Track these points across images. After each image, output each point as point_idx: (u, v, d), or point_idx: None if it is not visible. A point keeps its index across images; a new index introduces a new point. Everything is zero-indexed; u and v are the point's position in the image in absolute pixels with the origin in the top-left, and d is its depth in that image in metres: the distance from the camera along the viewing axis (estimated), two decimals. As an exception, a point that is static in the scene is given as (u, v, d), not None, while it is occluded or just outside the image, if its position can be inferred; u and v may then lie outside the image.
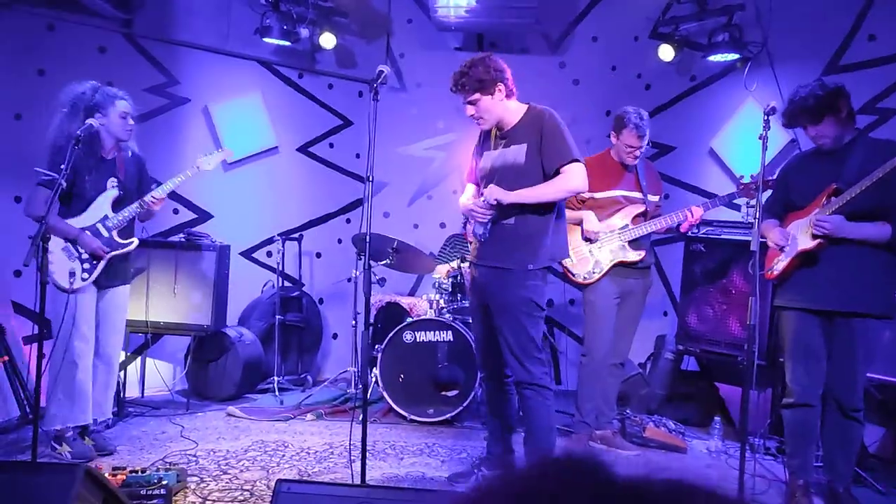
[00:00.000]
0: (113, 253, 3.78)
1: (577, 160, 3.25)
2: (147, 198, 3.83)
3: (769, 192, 3.56)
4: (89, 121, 3.52)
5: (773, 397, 4.47)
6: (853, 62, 4.65)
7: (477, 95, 3.30)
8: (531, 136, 3.30)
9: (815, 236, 3.25)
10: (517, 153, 3.32)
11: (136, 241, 3.91)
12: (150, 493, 3.01)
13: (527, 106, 3.42)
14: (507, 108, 3.37)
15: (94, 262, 3.73)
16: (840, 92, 3.21)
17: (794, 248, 3.34)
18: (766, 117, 3.10)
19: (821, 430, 3.42)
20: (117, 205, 3.81)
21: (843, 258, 3.23)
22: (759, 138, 3.08)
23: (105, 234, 3.76)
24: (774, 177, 3.65)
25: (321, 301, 6.07)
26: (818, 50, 4.85)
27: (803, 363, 3.33)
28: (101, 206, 3.78)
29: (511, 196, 3.23)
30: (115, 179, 3.82)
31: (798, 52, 4.98)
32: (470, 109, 3.36)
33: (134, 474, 3.10)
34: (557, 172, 3.25)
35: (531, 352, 3.29)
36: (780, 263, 3.40)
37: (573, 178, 3.24)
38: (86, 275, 3.72)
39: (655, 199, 4.34)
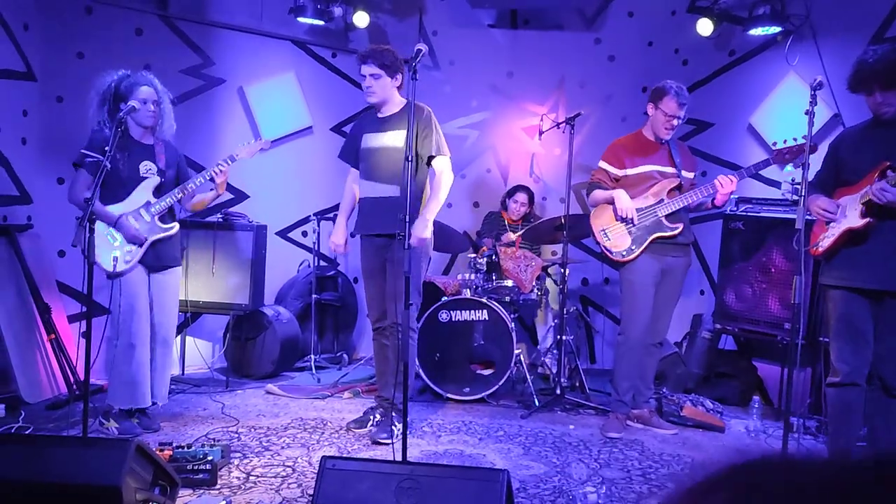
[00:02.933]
0: (155, 236, 3.85)
1: (446, 154, 3.96)
2: (189, 185, 3.90)
3: (812, 166, 3.47)
4: (131, 102, 3.60)
5: (813, 376, 4.43)
6: (900, 34, 4.52)
7: (382, 72, 3.83)
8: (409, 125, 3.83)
9: (864, 215, 3.18)
10: (395, 138, 3.87)
11: (177, 225, 3.98)
12: (196, 468, 3.08)
13: (405, 100, 3.92)
14: (394, 95, 3.96)
15: (137, 245, 3.81)
16: None
17: (840, 224, 3.27)
18: (813, 92, 3.03)
19: (864, 410, 3.38)
20: (157, 192, 3.89)
21: (891, 236, 3.17)
22: (806, 113, 3.01)
23: (147, 218, 3.84)
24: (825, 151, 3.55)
25: (356, 280, 6.12)
26: (863, 22, 4.71)
27: (850, 343, 3.28)
28: (144, 192, 3.85)
29: (426, 228, 3.80)
30: (153, 165, 3.88)
31: (842, 25, 4.85)
32: (369, 81, 3.85)
33: (180, 450, 3.16)
34: (431, 160, 3.91)
35: None
36: (825, 240, 3.33)
37: (446, 172, 3.92)
38: (128, 257, 3.79)
39: (690, 175, 4.27)
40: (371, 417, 4.10)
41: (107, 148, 3.32)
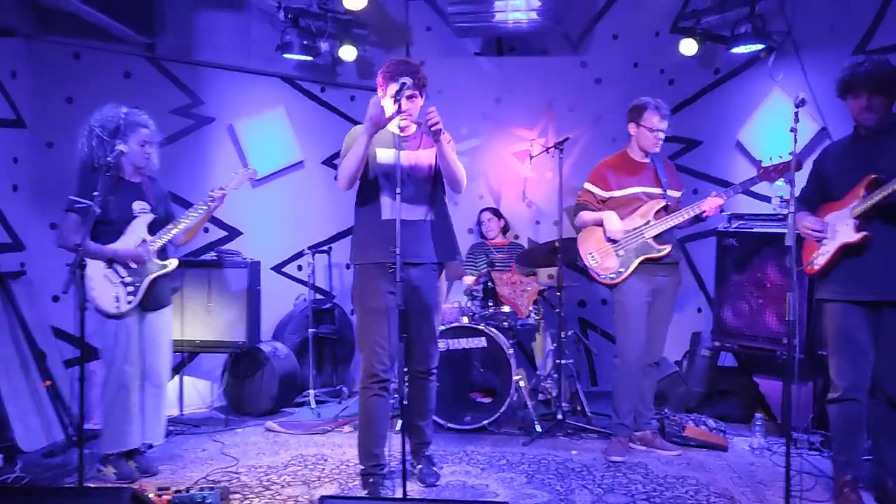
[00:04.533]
0: (155, 274, 3.82)
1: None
2: (185, 220, 3.86)
3: (799, 183, 3.48)
4: (119, 147, 3.55)
5: (815, 391, 4.40)
6: (881, 46, 4.55)
7: (418, 92, 3.51)
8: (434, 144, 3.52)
9: (859, 228, 3.19)
10: (429, 156, 3.56)
11: (175, 261, 3.93)
12: (195, 512, 3.04)
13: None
14: None
15: (138, 283, 3.76)
16: None
17: (834, 241, 3.27)
18: (796, 109, 3.05)
19: (868, 424, 3.35)
20: (152, 228, 3.85)
21: (886, 247, 3.17)
22: (790, 131, 3.02)
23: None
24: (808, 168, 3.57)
25: (353, 312, 6.09)
26: (845, 35, 4.75)
27: (849, 357, 3.26)
28: (138, 230, 3.81)
29: (444, 132, 3.42)
30: (146, 204, 3.85)
31: (824, 39, 4.89)
32: (414, 107, 3.52)
33: (179, 494, 3.13)
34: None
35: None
36: (820, 258, 3.33)
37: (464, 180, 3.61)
38: (131, 297, 3.75)
39: (676, 195, 4.28)
40: (380, 485, 3.49)
41: (96, 193, 3.29)
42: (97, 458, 3.82)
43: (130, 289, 3.76)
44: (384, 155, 3.53)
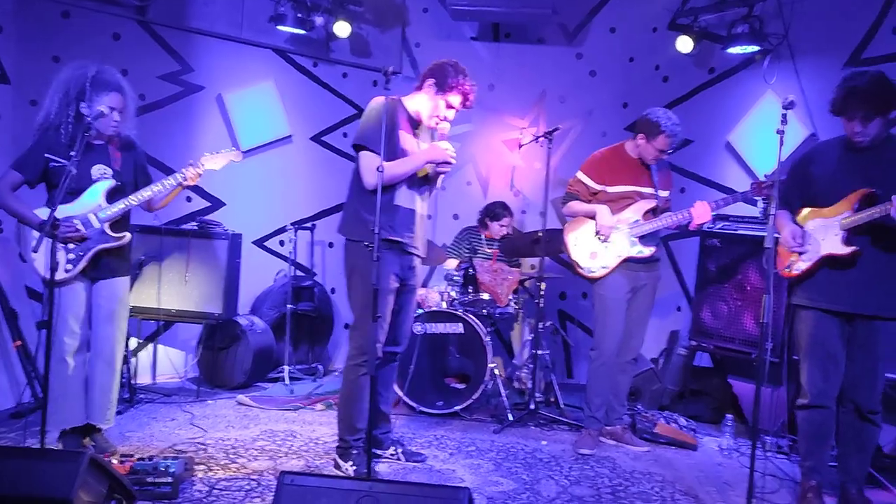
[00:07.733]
0: (102, 246, 3.50)
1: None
2: (146, 192, 3.56)
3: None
4: (99, 108, 3.39)
5: (788, 395, 4.42)
6: (876, 56, 4.54)
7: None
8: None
9: (847, 242, 3.17)
10: None
11: (128, 235, 3.61)
12: (156, 480, 3.01)
13: None
14: None
15: (81, 252, 3.45)
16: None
17: (816, 251, 3.26)
18: (783, 111, 3.02)
19: (836, 431, 3.36)
20: (112, 195, 3.53)
21: (869, 260, 3.16)
22: (777, 132, 3.00)
23: (97, 225, 3.49)
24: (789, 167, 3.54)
25: (333, 291, 6.07)
26: (840, 43, 4.74)
27: (821, 365, 3.27)
28: (95, 195, 3.48)
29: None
30: (107, 169, 3.56)
31: (819, 45, 4.88)
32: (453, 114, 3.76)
33: (141, 462, 3.11)
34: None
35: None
36: (801, 264, 3.32)
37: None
38: (70, 265, 3.44)
39: (666, 194, 4.27)
40: (363, 457, 3.43)
41: (73, 153, 3.14)
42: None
43: (72, 256, 3.43)
44: (409, 142, 3.60)
